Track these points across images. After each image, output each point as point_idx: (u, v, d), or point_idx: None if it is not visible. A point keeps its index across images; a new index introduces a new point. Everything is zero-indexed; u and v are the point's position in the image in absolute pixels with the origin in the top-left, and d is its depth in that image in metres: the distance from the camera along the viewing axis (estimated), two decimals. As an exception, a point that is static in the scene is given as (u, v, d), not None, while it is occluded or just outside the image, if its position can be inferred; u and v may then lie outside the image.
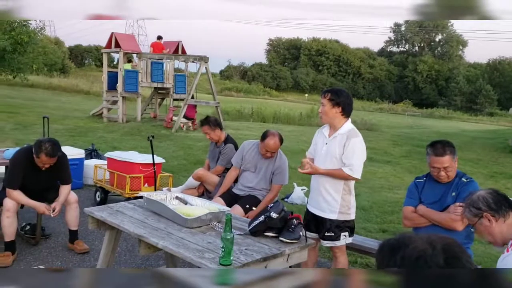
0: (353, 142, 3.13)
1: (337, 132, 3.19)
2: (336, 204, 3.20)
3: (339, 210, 3.20)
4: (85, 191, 6.27)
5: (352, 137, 3.14)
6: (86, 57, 55.24)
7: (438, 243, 0.88)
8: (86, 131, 11.71)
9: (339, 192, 3.20)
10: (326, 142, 3.25)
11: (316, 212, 3.29)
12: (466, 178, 2.97)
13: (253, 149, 4.20)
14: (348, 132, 3.17)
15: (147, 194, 3.23)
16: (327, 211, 3.22)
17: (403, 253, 0.89)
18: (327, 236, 3.22)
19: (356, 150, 3.13)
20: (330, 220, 3.21)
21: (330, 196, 3.21)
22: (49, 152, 3.86)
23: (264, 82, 57.77)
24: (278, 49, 68.22)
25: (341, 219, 3.22)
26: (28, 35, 15.14)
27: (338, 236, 3.23)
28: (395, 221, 5.54)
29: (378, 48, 69.65)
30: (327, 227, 3.22)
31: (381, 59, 63.30)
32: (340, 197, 3.20)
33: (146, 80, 14.17)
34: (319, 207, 3.27)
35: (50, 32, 50.99)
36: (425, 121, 30.35)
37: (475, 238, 3.10)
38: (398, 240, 0.93)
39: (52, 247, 4.31)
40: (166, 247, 2.51)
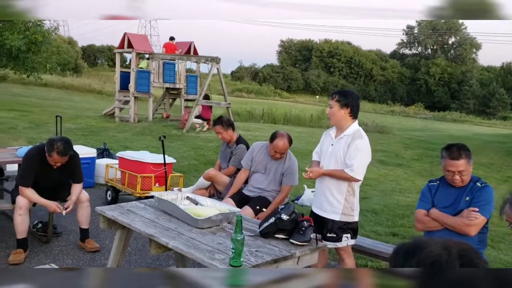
0: (357, 143, 3.13)
1: (343, 133, 3.20)
2: (339, 205, 3.20)
3: (341, 212, 3.20)
4: (96, 190, 6.31)
5: (357, 139, 3.14)
6: (99, 57, 55.71)
7: (454, 248, 0.86)
8: (98, 131, 11.80)
9: (343, 194, 3.20)
10: (332, 143, 3.26)
11: (318, 213, 3.29)
12: (481, 183, 2.92)
13: (263, 151, 4.20)
14: (353, 134, 3.17)
15: (158, 194, 3.24)
16: (330, 211, 3.22)
17: (418, 257, 0.87)
18: (329, 237, 3.21)
19: (359, 151, 3.13)
20: (332, 221, 3.21)
21: (333, 197, 3.21)
22: (61, 151, 3.88)
23: (275, 83, 57.77)
24: (289, 50, 68.19)
25: (343, 220, 3.22)
26: (42, 35, 15.27)
27: (340, 238, 3.22)
28: (406, 225, 5.49)
29: (391, 50, 69.40)
30: (328, 228, 3.21)
31: (393, 62, 62.96)
32: (343, 199, 3.20)
33: (158, 81, 14.24)
34: (322, 207, 3.28)
35: (64, 32, 51.58)
36: (437, 124, 30.09)
37: (488, 243, 3.06)
38: (413, 244, 0.92)
39: (63, 245, 4.34)
40: (177, 247, 2.51)
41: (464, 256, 0.85)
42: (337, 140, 3.23)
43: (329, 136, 3.33)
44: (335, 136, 3.26)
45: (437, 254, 0.86)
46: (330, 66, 62.59)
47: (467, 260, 0.85)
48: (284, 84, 58.96)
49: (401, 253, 0.92)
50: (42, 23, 16.09)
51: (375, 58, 62.76)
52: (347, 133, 3.19)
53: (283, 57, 66.77)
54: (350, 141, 3.14)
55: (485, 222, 2.86)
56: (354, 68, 62.10)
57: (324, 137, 3.42)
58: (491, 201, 2.89)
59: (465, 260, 0.85)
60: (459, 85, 55.69)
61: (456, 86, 56.39)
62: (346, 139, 3.17)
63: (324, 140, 3.40)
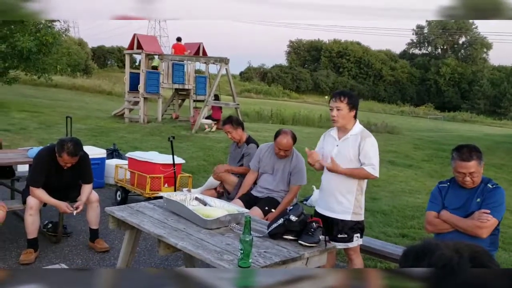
0: (369, 142, 3.16)
1: (349, 134, 3.21)
2: (350, 205, 3.20)
3: (352, 211, 3.21)
4: (106, 190, 6.35)
5: (367, 137, 3.17)
6: (108, 58, 56.01)
7: (466, 251, 0.85)
8: (108, 131, 11.87)
9: (353, 193, 3.20)
10: (336, 144, 3.25)
11: (327, 214, 3.27)
12: (492, 184, 2.89)
13: (269, 151, 4.21)
14: (361, 133, 3.20)
15: (167, 195, 3.25)
16: (340, 212, 3.21)
17: (428, 260, 0.86)
18: (340, 238, 3.20)
19: (373, 148, 3.17)
20: (343, 221, 3.20)
21: (343, 197, 3.21)
22: (71, 152, 3.91)
23: (284, 84, 57.67)
24: (298, 50, 68.03)
25: (354, 220, 3.22)
26: (53, 36, 15.38)
27: (351, 238, 3.22)
28: (416, 226, 5.45)
29: (400, 50, 68.91)
30: (339, 229, 3.20)
31: (403, 62, 62.55)
32: (353, 198, 3.21)
33: (167, 82, 14.30)
34: (330, 208, 3.26)
35: (74, 33, 51.89)
36: (447, 124, 29.86)
37: (499, 245, 3.03)
38: (423, 247, 0.91)
39: (73, 245, 4.37)
40: (185, 248, 2.52)
41: (476, 259, 0.84)
42: (342, 141, 3.23)
43: (331, 137, 3.32)
44: (339, 137, 3.26)
45: (448, 257, 0.85)
46: (339, 66, 62.37)
47: (479, 263, 0.84)
48: (293, 84, 58.85)
49: (411, 256, 0.91)
50: (53, 25, 16.22)
51: (384, 58, 62.41)
52: (354, 133, 3.20)
53: (292, 58, 66.65)
54: (360, 140, 3.15)
55: (497, 224, 2.83)
56: (363, 68, 61.81)
57: (324, 139, 3.41)
58: (502, 203, 2.85)
59: (477, 263, 0.83)
60: (470, 85, 55.19)
61: (467, 86, 55.89)
62: (353, 139, 3.18)
63: (325, 142, 3.38)
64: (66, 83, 28.00)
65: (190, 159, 8.52)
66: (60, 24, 17.12)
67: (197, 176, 7.14)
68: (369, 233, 4.98)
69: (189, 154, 9.15)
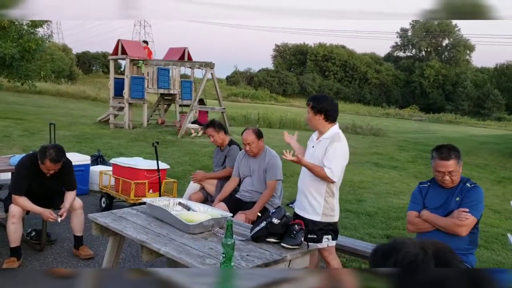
0: (335, 146, 3.22)
1: (322, 137, 3.31)
2: (319, 206, 3.26)
3: (322, 212, 3.26)
4: (90, 197, 6.30)
5: (335, 141, 3.23)
6: (93, 64, 55.63)
7: (430, 248, 0.88)
8: (93, 137, 11.78)
9: (322, 195, 3.26)
10: (313, 145, 3.38)
11: (300, 213, 3.34)
12: (470, 184, 2.95)
13: (246, 155, 4.35)
14: (332, 137, 3.26)
15: (150, 200, 3.24)
16: (311, 212, 3.28)
17: (395, 258, 0.88)
18: (310, 238, 3.21)
19: (336, 153, 3.21)
20: (313, 222, 3.25)
21: (313, 198, 3.27)
22: (53, 158, 3.89)
23: (271, 87, 57.83)
24: (284, 54, 68.32)
25: (324, 221, 3.26)
26: (36, 43, 15.25)
27: (320, 239, 3.26)
28: (400, 227, 5.51)
29: (385, 53, 69.60)
30: (309, 229, 3.22)
31: (388, 64, 63.17)
32: (323, 200, 3.26)
33: (152, 87, 14.25)
34: (303, 208, 3.34)
35: (58, 39, 51.56)
36: (432, 126, 30.20)
37: (479, 243, 3.08)
38: (391, 245, 0.93)
39: (57, 253, 4.33)
40: (168, 253, 2.52)
41: (439, 256, 0.86)
42: (317, 142, 3.34)
43: (311, 139, 3.44)
44: (316, 139, 3.37)
45: (414, 254, 0.87)
46: (325, 69, 62.75)
47: (443, 259, 0.86)
48: (280, 88, 59.03)
49: (380, 254, 0.93)
50: (35, 31, 16.09)
51: (369, 61, 62.96)
52: (326, 136, 3.29)
53: (278, 62, 66.88)
54: (328, 144, 3.23)
55: (476, 223, 2.88)
56: (349, 72, 62.27)
57: (308, 140, 3.53)
58: (481, 202, 2.91)
59: (441, 259, 0.86)
60: (454, 87, 55.92)
61: (451, 87, 56.62)
62: (324, 142, 3.27)
63: (308, 143, 3.50)
64: (50, 90, 27.75)
65: (175, 164, 8.50)
66: (44, 30, 17.01)
67: (183, 181, 7.11)
68: (354, 235, 5.02)
69: (175, 159, 9.13)
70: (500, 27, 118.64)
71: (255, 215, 3.97)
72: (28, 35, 15.38)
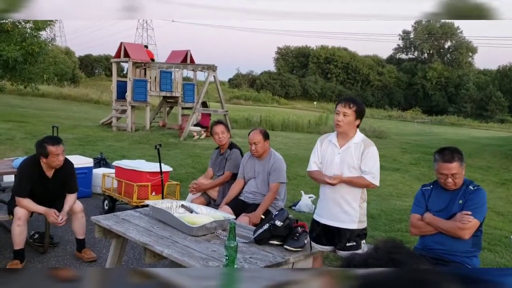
0: (372, 151, 3.15)
1: (351, 142, 3.17)
2: (356, 213, 3.16)
3: (358, 219, 3.17)
4: (93, 199, 6.31)
5: (369, 146, 3.16)
6: (96, 67, 55.82)
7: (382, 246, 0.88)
8: (95, 140, 11.80)
9: (358, 201, 3.18)
10: (338, 152, 3.20)
11: (333, 224, 3.19)
12: (473, 186, 2.94)
13: (250, 157, 4.35)
14: (363, 141, 3.18)
15: (153, 203, 3.24)
16: (347, 221, 3.16)
17: (353, 263, 0.89)
18: (349, 246, 3.14)
19: (375, 158, 3.17)
20: (350, 230, 3.15)
21: (349, 206, 3.16)
22: (53, 141, 3.94)
23: (273, 90, 57.86)
24: (286, 57, 68.37)
25: (360, 227, 3.19)
26: (39, 46, 15.28)
27: (359, 245, 3.18)
28: (403, 229, 5.49)
29: (387, 56, 69.62)
30: (347, 238, 3.15)
31: (390, 67, 63.15)
32: (358, 206, 3.18)
33: (154, 89, 14.28)
34: (335, 218, 3.18)
35: (61, 42, 51.76)
36: (434, 128, 30.14)
37: (483, 246, 3.07)
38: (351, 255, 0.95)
39: (60, 256, 4.33)
40: (171, 256, 2.52)
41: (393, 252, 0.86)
42: (344, 149, 3.18)
43: (332, 145, 3.25)
44: (340, 145, 3.20)
45: (367, 253, 0.88)
46: (327, 72, 62.76)
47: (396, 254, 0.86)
48: (282, 90, 59.06)
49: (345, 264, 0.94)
50: (38, 34, 16.13)
51: (371, 63, 62.95)
52: (356, 141, 3.17)
53: (280, 64, 66.93)
54: (363, 149, 3.13)
55: (479, 225, 2.87)
56: (351, 74, 62.26)
57: (323, 145, 3.31)
58: (484, 204, 2.90)
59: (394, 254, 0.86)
60: (456, 89, 55.85)
61: (453, 90, 56.55)
62: (356, 147, 3.15)
63: (325, 149, 3.28)
64: (53, 92, 27.83)
65: (178, 166, 8.51)
66: (47, 33, 17.05)
67: (186, 184, 7.11)
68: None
69: (178, 162, 9.13)
70: (502, 29, 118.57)
71: (258, 217, 3.95)
72: (31, 38, 15.41)
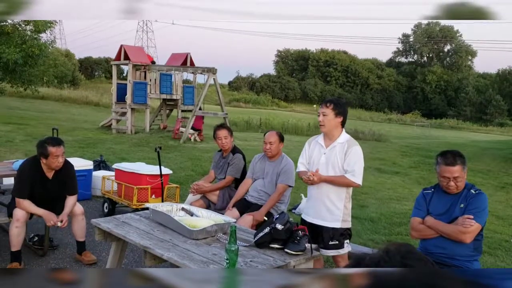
0: (355, 150, 3.22)
1: (336, 142, 3.26)
2: (340, 212, 3.24)
3: (342, 218, 3.24)
4: (93, 202, 6.30)
5: (353, 146, 3.23)
6: (96, 69, 55.84)
7: (394, 248, 0.88)
8: (95, 143, 11.79)
9: (342, 200, 3.24)
10: (324, 152, 3.30)
11: (317, 222, 3.29)
12: (475, 190, 2.93)
13: (261, 158, 4.36)
14: (347, 142, 3.26)
15: (153, 206, 3.24)
16: (330, 220, 3.24)
17: (365, 263, 0.88)
18: (332, 245, 3.22)
19: (357, 157, 3.21)
20: (334, 229, 3.23)
21: (333, 205, 3.24)
22: (54, 142, 3.93)
23: (273, 93, 57.94)
24: (286, 60, 68.44)
25: (344, 227, 3.26)
26: (39, 48, 15.31)
27: (342, 244, 3.26)
28: (403, 233, 5.49)
29: (387, 59, 69.66)
30: (330, 236, 3.22)
31: (390, 70, 63.22)
32: (343, 205, 3.25)
33: (154, 92, 14.30)
34: (319, 216, 3.28)
35: (61, 44, 51.79)
36: (434, 131, 30.16)
37: (483, 250, 3.06)
38: (354, 259, 0.93)
39: (60, 258, 4.32)
40: (171, 259, 2.51)
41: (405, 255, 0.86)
42: (330, 149, 3.28)
43: (318, 145, 3.36)
44: (326, 145, 3.30)
45: (378, 257, 0.87)
46: (326, 75, 62.82)
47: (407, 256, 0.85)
48: (282, 93, 59.12)
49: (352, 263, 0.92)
50: (39, 36, 16.16)
51: (371, 66, 63.02)
52: (340, 141, 3.26)
53: (280, 67, 66.99)
54: (346, 148, 3.20)
55: (480, 229, 2.87)
56: (350, 77, 62.31)
57: (311, 146, 3.43)
58: (485, 208, 2.90)
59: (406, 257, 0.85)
60: (456, 92, 55.90)
61: (453, 93, 56.60)
62: (340, 147, 3.23)
63: (312, 149, 3.40)
64: (53, 95, 27.84)
65: (178, 169, 8.50)
66: (47, 36, 17.07)
67: (185, 187, 7.10)
68: (357, 240, 5.00)
69: (177, 165, 9.13)
70: (502, 33, 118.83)
71: (262, 216, 3.97)
72: (31, 40, 15.44)
